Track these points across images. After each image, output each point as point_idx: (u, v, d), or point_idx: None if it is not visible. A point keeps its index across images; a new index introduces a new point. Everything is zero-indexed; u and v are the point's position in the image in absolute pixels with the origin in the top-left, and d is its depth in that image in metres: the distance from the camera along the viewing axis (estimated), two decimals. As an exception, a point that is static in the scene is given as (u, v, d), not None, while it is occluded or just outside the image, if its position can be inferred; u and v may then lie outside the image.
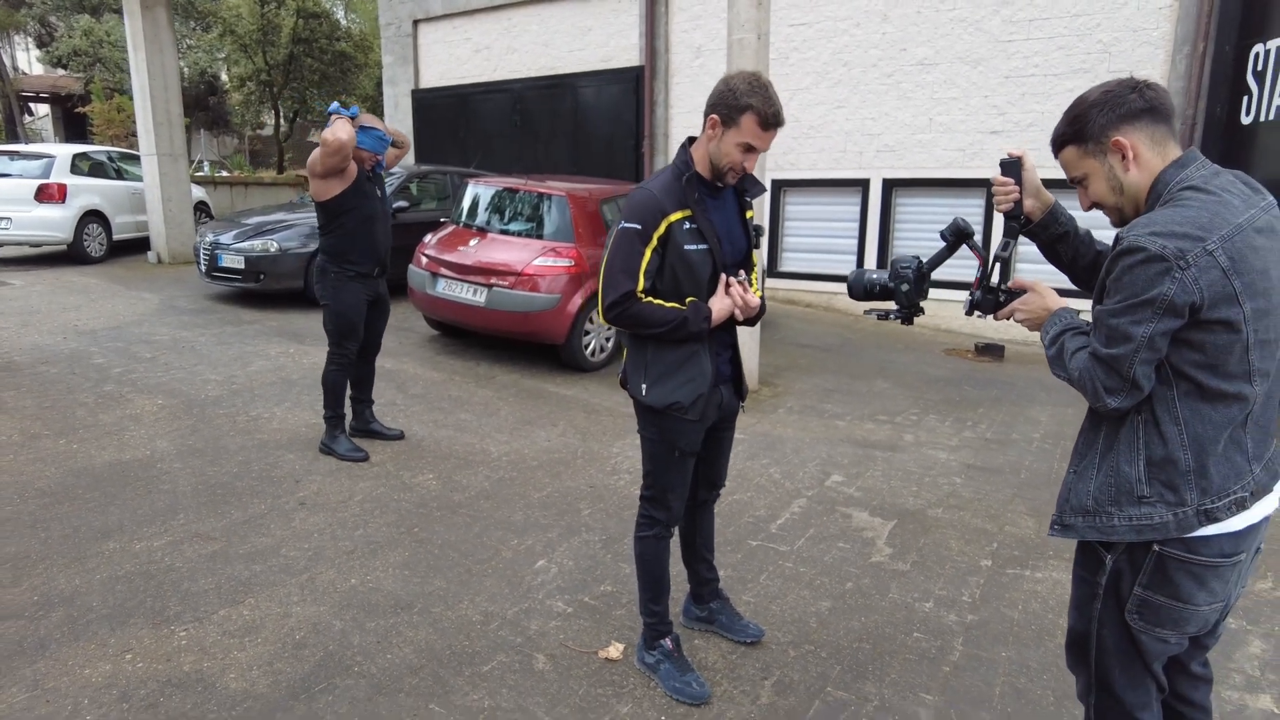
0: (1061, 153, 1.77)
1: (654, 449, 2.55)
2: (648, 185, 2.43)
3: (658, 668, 2.64)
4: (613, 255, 2.38)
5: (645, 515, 2.63)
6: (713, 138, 2.36)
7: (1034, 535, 3.93)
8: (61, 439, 4.55)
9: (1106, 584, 1.69)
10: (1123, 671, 1.71)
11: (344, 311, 4.39)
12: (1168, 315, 1.49)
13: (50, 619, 2.86)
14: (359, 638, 2.83)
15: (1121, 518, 1.63)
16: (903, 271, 2.09)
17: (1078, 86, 8.71)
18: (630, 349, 2.55)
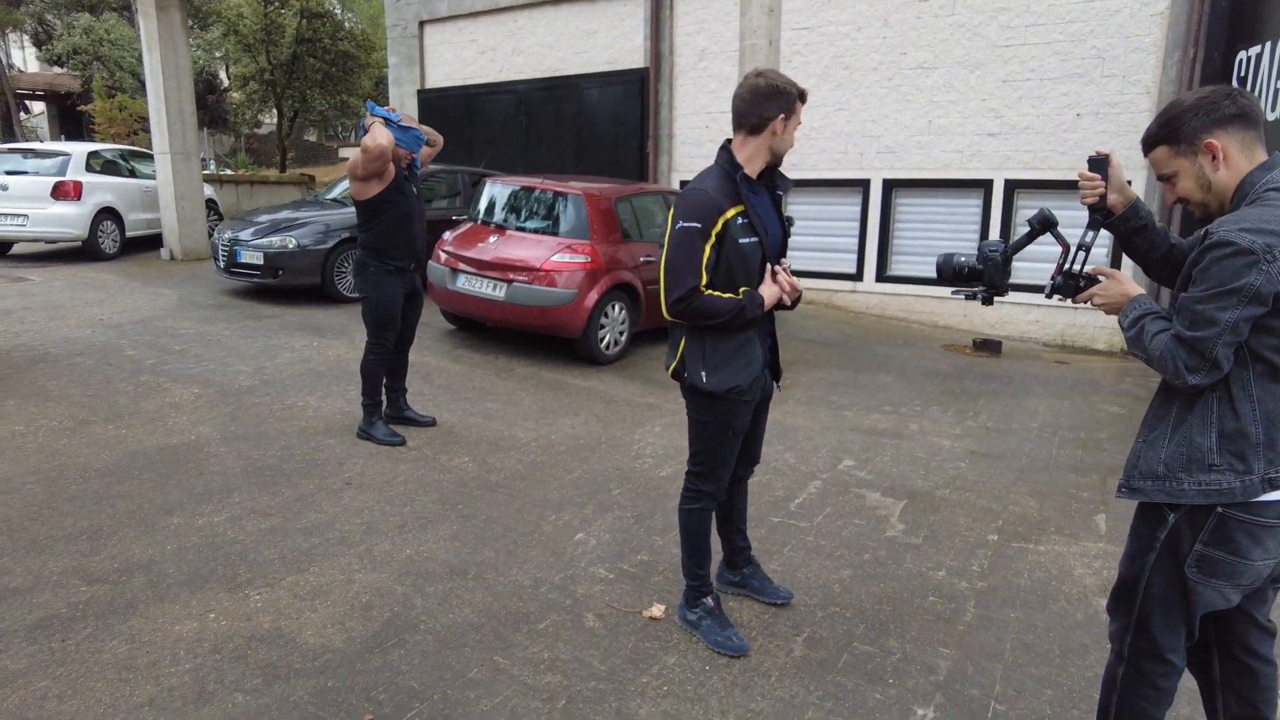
0: (1153, 151, 1.93)
1: (708, 430, 2.76)
2: (701, 185, 2.60)
3: (699, 624, 2.89)
4: (675, 254, 2.55)
5: (693, 489, 2.86)
6: (776, 133, 2.60)
7: (1036, 513, 4.20)
8: (110, 424, 4.77)
9: (1165, 539, 1.88)
10: (1162, 616, 1.93)
11: (383, 304, 4.62)
12: (1252, 303, 1.68)
13: (133, 584, 3.08)
14: (421, 600, 3.07)
15: (1191, 483, 1.82)
16: (991, 254, 2.25)
17: (1072, 91, 9.07)
18: (688, 341, 2.70)
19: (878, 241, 10.09)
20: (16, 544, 3.31)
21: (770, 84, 2.59)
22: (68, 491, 3.84)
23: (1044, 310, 9.22)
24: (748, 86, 2.62)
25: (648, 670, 2.69)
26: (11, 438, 4.47)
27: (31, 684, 2.45)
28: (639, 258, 7.09)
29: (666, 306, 2.60)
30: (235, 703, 2.42)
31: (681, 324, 2.70)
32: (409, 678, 2.58)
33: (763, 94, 2.58)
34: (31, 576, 3.07)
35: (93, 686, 2.46)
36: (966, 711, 2.54)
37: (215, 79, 26.30)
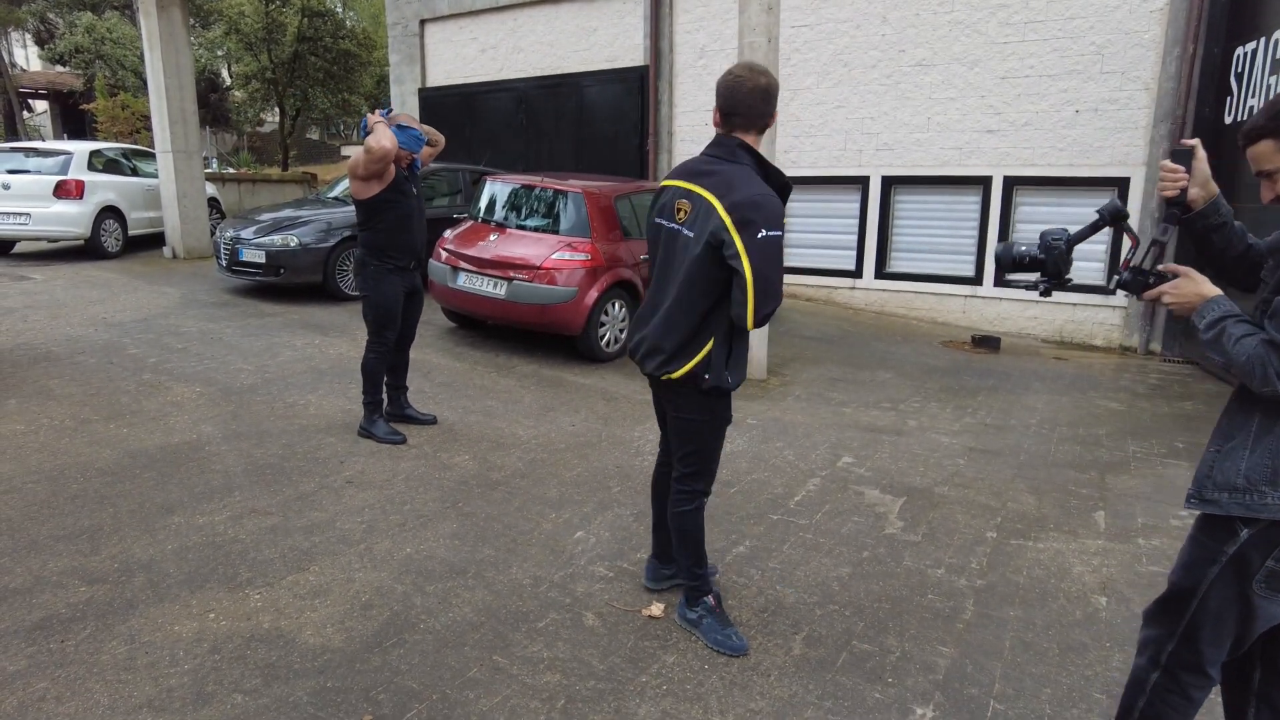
0: (1256, 145, 1.82)
1: (708, 429, 2.78)
2: (767, 192, 2.53)
3: (700, 623, 2.90)
4: (768, 265, 2.48)
5: (688, 490, 2.85)
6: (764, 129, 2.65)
7: (1034, 510, 4.20)
8: (111, 423, 4.78)
9: (1234, 554, 1.82)
10: (1213, 629, 1.89)
11: (383, 303, 4.63)
12: None
13: (133, 583, 3.09)
14: (420, 599, 3.08)
15: (1275, 496, 1.74)
16: (1054, 243, 2.14)
17: (1071, 87, 9.06)
18: (718, 344, 2.64)
19: (877, 238, 10.09)
20: (17, 544, 3.32)
21: (773, 83, 2.60)
22: (68, 491, 3.85)
23: (1042, 307, 9.21)
24: (759, 86, 2.58)
25: (647, 669, 2.69)
26: (13, 437, 4.48)
27: (30, 685, 2.46)
28: (639, 255, 7.09)
29: (756, 320, 2.52)
30: (234, 703, 2.43)
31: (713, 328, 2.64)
32: (408, 677, 2.59)
33: (772, 94, 2.60)
34: (31, 576, 3.08)
35: (91, 687, 2.47)
36: (966, 710, 2.55)
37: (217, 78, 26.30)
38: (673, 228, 2.68)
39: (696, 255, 2.56)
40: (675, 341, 2.67)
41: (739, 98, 2.58)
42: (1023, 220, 9.26)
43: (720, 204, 2.49)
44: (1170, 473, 4.81)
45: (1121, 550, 3.75)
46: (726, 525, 3.84)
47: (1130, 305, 8.72)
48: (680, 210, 2.65)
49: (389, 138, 4.27)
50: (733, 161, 2.60)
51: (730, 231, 2.46)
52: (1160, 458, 5.06)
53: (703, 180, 2.60)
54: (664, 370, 2.70)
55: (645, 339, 2.77)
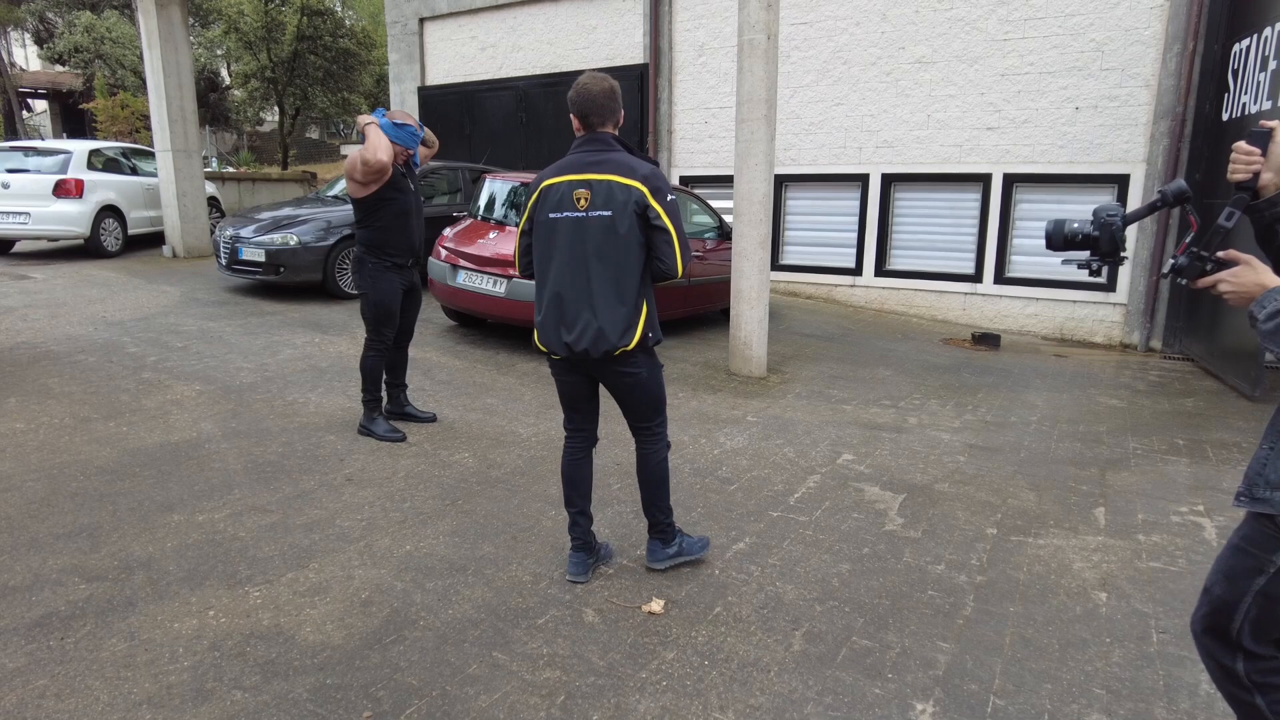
0: None
1: (658, 379, 3.19)
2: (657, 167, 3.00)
3: (680, 550, 3.33)
4: (680, 222, 2.97)
5: (661, 440, 3.26)
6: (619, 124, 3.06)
7: (1035, 507, 4.19)
8: (111, 422, 4.78)
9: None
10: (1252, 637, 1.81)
11: (382, 300, 4.62)
12: None
13: (133, 581, 3.09)
14: (420, 596, 3.07)
15: None
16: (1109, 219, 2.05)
17: (1071, 84, 9.06)
18: (650, 307, 3.04)
19: (877, 236, 10.08)
20: (16, 541, 3.32)
21: (617, 85, 3.00)
22: (68, 489, 3.85)
23: (1042, 304, 9.21)
24: (607, 88, 2.95)
25: (647, 665, 2.69)
26: (12, 435, 4.48)
27: (30, 682, 2.46)
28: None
29: (684, 268, 2.98)
30: (234, 700, 2.43)
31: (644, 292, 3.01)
32: (408, 674, 2.59)
33: (618, 93, 3.00)
34: (31, 574, 3.08)
35: (91, 685, 2.47)
36: (966, 706, 2.54)
37: (217, 77, 26.28)
38: (579, 216, 2.92)
39: (626, 228, 2.89)
40: (626, 318, 2.95)
41: (593, 101, 2.94)
42: (1022, 218, 9.26)
43: (633, 180, 2.87)
44: (1171, 469, 4.80)
45: (1122, 546, 3.75)
46: (726, 522, 3.84)
47: (1131, 302, 8.72)
48: (580, 199, 2.92)
49: (385, 149, 4.29)
50: (614, 150, 2.96)
51: (650, 200, 2.88)
52: (1161, 454, 5.06)
53: (598, 169, 2.91)
54: (622, 346, 2.95)
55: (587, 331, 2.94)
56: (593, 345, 2.93)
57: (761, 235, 6.51)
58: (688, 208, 8.23)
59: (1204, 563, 3.59)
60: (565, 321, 2.97)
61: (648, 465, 3.21)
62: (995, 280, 9.43)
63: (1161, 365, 7.98)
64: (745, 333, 6.67)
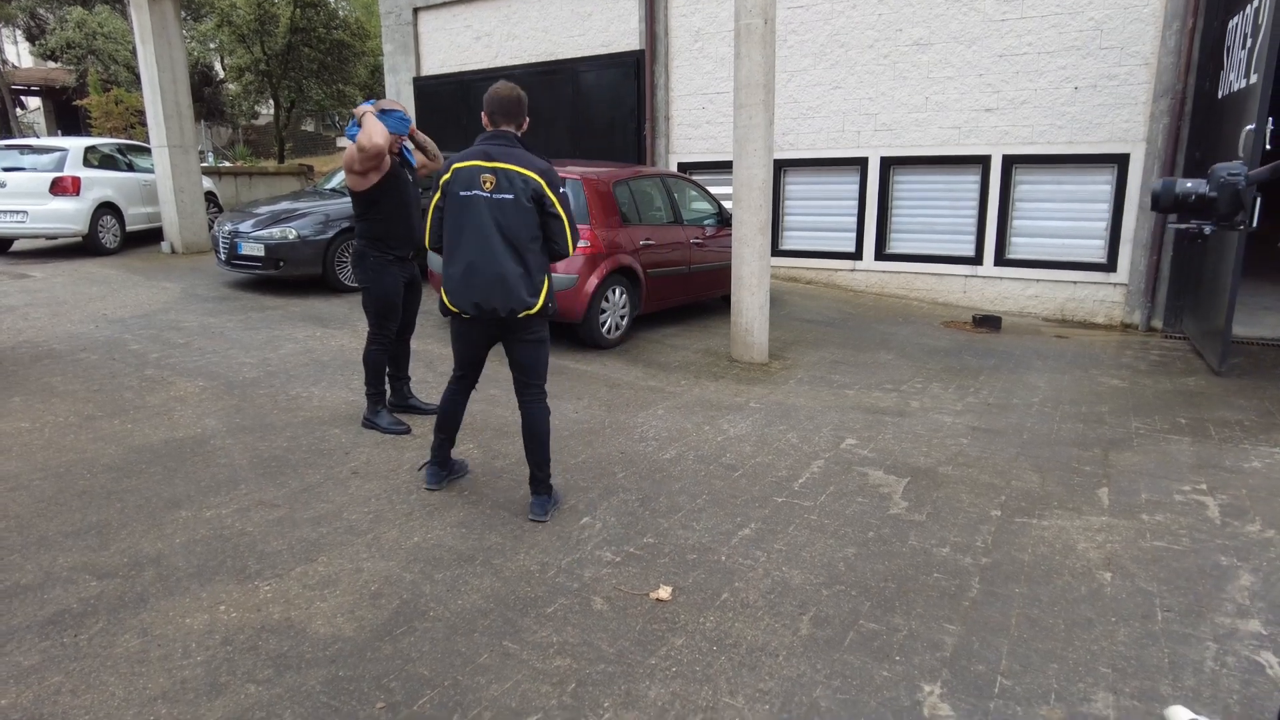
0: None
1: (548, 347, 3.70)
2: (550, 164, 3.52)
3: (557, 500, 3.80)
4: (571, 210, 3.53)
5: (545, 399, 3.73)
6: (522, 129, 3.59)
7: (1038, 488, 4.21)
8: (115, 419, 4.79)
9: None
10: None
11: (384, 294, 4.62)
12: None
13: (143, 577, 3.11)
14: (429, 587, 3.09)
15: None
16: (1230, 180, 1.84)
17: (1070, 64, 9.02)
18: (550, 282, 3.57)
19: (876, 219, 10.06)
20: (26, 540, 3.34)
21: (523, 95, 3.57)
22: (75, 487, 3.87)
23: (1043, 285, 9.21)
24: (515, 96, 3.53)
25: (656, 652, 2.71)
26: (18, 434, 4.49)
27: (45, 679, 2.48)
28: (638, 241, 7.09)
29: (573, 248, 3.57)
30: (248, 694, 2.45)
31: (544, 270, 3.52)
32: (420, 665, 2.61)
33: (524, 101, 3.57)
34: (42, 572, 3.10)
35: (105, 681, 2.49)
36: (973, 687, 2.56)
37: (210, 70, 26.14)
38: (484, 195, 3.43)
39: (525, 210, 3.41)
40: (530, 284, 3.45)
41: (503, 104, 3.51)
42: (1022, 199, 9.24)
43: (532, 172, 3.41)
44: (1173, 449, 4.82)
45: (1125, 526, 3.77)
46: (731, 508, 3.86)
47: (1131, 282, 8.71)
48: (486, 182, 3.42)
49: (380, 133, 4.26)
50: (514, 146, 3.49)
51: (546, 191, 3.42)
52: (1163, 434, 5.07)
53: (502, 159, 3.42)
54: (528, 307, 3.46)
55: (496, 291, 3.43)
56: (502, 305, 3.45)
57: (761, 221, 6.50)
58: (686, 194, 8.21)
59: (1207, 541, 3.61)
60: (476, 285, 3.46)
61: (534, 422, 3.68)
62: (995, 262, 9.42)
63: (1162, 345, 7.98)
64: (746, 319, 6.67)
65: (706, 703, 2.46)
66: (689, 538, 3.54)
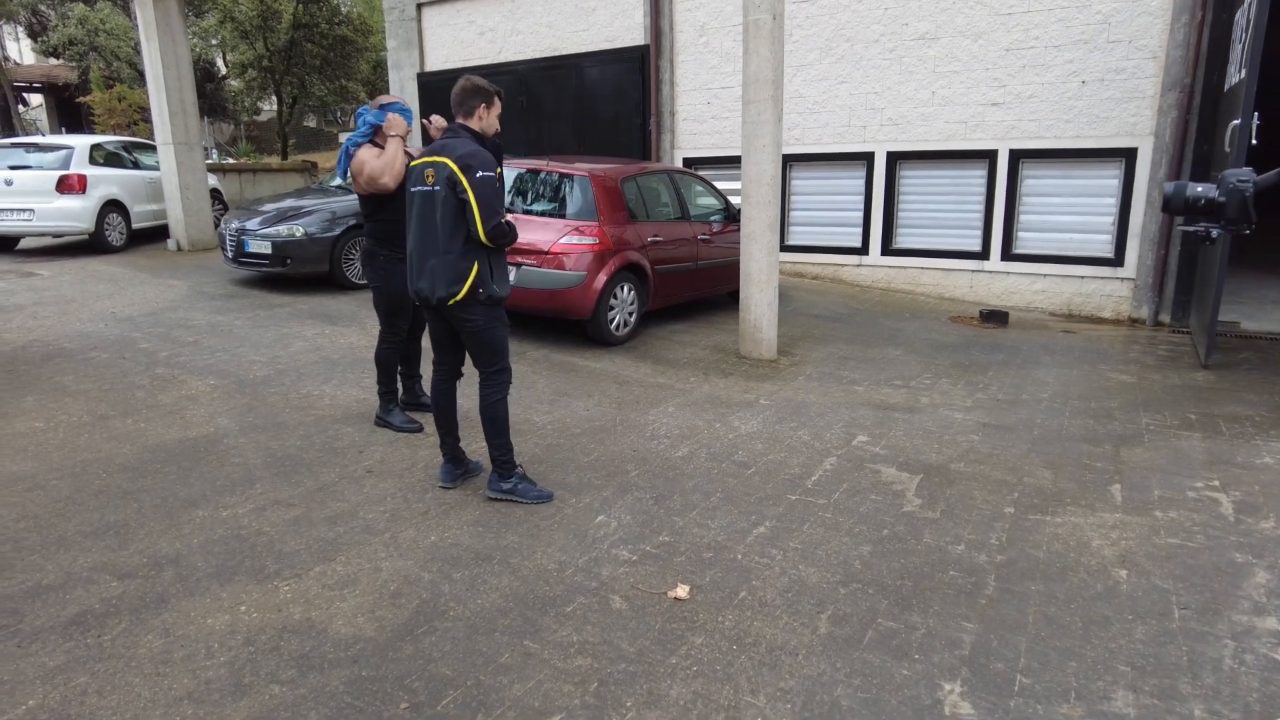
0: None
1: (497, 333, 3.75)
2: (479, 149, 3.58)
3: (515, 489, 3.83)
4: (490, 194, 3.54)
5: (500, 383, 3.80)
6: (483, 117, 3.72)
7: (1051, 485, 4.22)
8: (128, 418, 4.80)
9: None
10: None
11: (395, 292, 4.62)
12: None
13: (163, 577, 3.12)
14: (448, 586, 3.11)
15: None
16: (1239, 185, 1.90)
17: (1077, 58, 9.00)
18: (481, 265, 3.61)
19: (883, 215, 10.05)
20: (46, 541, 3.36)
21: (480, 86, 3.70)
22: (92, 487, 3.88)
23: (1050, 280, 9.20)
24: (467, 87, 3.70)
25: (676, 651, 2.72)
26: (33, 434, 4.51)
27: (71, 680, 2.50)
28: (646, 238, 7.08)
29: (487, 232, 3.53)
30: (272, 694, 2.46)
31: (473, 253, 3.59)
32: (441, 665, 2.63)
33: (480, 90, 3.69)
34: (63, 573, 3.12)
35: (131, 681, 2.51)
36: (993, 685, 2.57)
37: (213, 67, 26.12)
38: (426, 189, 3.61)
39: (448, 199, 3.54)
40: (453, 271, 3.58)
41: (454, 98, 3.71)
42: (1029, 193, 9.23)
43: (449, 160, 3.53)
44: (1184, 444, 4.82)
45: (1139, 523, 3.77)
46: (745, 506, 3.87)
47: (1139, 277, 8.70)
48: (428, 176, 3.60)
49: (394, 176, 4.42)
50: (457, 137, 3.65)
51: (459, 176, 3.50)
52: (1174, 429, 5.07)
53: (441, 152, 3.59)
54: (450, 295, 3.59)
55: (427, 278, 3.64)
56: (431, 293, 3.64)
57: (770, 218, 6.49)
58: (693, 190, 8.21)
59: (1222, 538, 3.62)
60: (415, 273, 3.71)
61: (484, 405, 3.80)
62: (1002, 257, 9.41)
63: (1170, 339, 7.97)
64: (755, 315, 6.67)
65: (728, 702, 2.47)
66: (705, 536, 3.56)
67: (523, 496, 3.84)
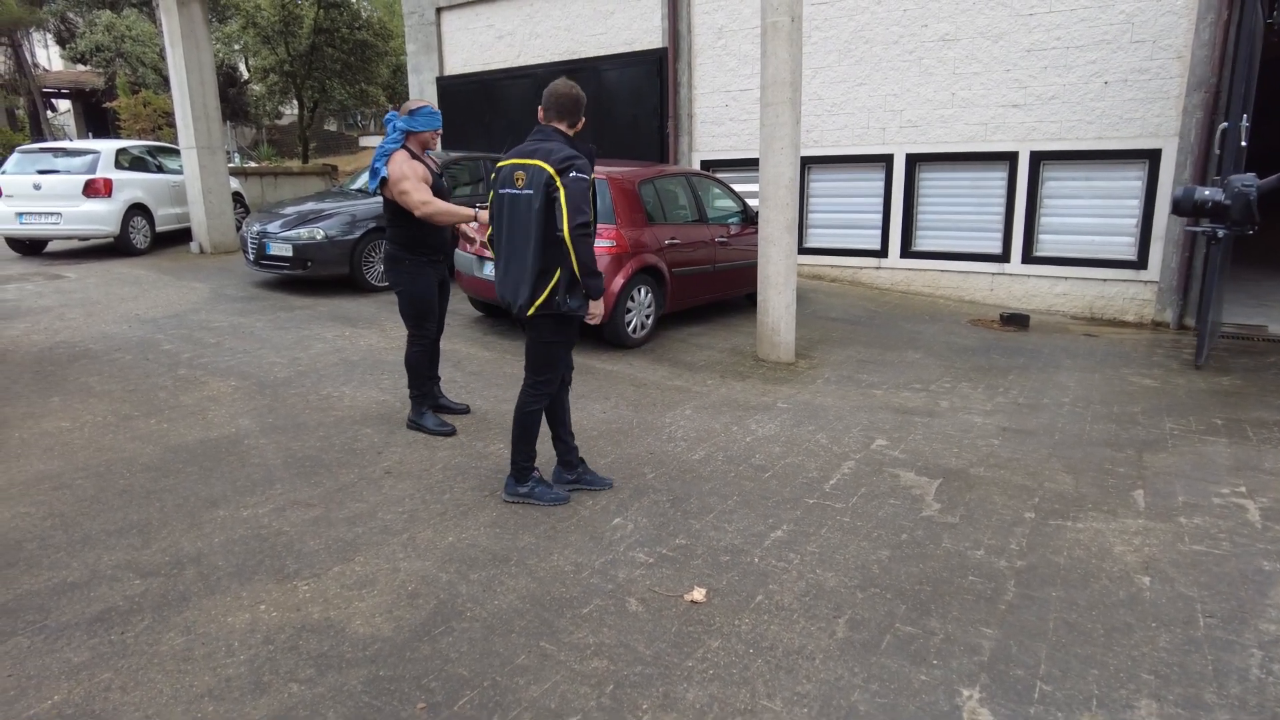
0: None
1: (557, 350, 3.72)
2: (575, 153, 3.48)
3: (533, 491, 3.85)
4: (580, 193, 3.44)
5: (541, 394, 3.77)
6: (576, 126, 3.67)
7: (1072, 490, 4.17)
8: (151, 419, 4.86)
9: None
10: None
11: (422, 296, 4.64)
12: None
13: (185, 576, 3.16)
14: (465, 587, 3.12)
15: None
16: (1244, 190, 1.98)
17: (1099, 59, 8.92)
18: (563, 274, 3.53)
19: (902, 217, 9.99)
20: (72, 539, 3.41)
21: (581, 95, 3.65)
22: (116, 486, 3.94)
23: (1071, 283, 9.10)
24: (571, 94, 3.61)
25: (692, 654, 2.72)
26: (59, 434, 4.57)
27: (95, 676, 2.53)
28: (663, 240, 7.08)
29: (571, 228, 3.40)
30: (291, 693, 2.48)
31: (561, 260, 3.49)
32: (458, 665, 2.64)
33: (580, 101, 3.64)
34: (88, 570, 3.16)
35: (153, 678, 2.54)
36: (1013, 692, 2.55)
37: (235, 72, 26.43)
38: (516, 192, 3.54)
39: (540, 204, 3.45)
40: (531, 283, 3.53)
41: (556, 100, 3.60)
42: (1050, 195, 9.14)
43: (545, 163, 3.46)
44: (1210, 450, 4.75)
45: (1163, 530, 3.72)
46: (763, 509, 3.86)
47: (1163, 279, 8.59)
48: (518, 179, 3.54)
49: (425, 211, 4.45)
50: (549, 140, 3.56)
51: (555, 178, 3.43)
52: (1199, 435, 5.00)
53: (532, 155, 3.52)
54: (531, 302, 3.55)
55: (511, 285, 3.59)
56: (514, 301, 3.62)
57: (788, 220, 6.47)
58: (710, 193, 8.20)
59: (1248, 545, 3.56)
60: (502, 279, 3.66)
61: (519, 411, 3.79)
62: (1023, 259, 9.33)
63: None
64: (773, 318, 6.65)
65: (745, 705, 2.46)
66: (721, 539, 3.55)
67: (539, 499, 3.84)
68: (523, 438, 3.79)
